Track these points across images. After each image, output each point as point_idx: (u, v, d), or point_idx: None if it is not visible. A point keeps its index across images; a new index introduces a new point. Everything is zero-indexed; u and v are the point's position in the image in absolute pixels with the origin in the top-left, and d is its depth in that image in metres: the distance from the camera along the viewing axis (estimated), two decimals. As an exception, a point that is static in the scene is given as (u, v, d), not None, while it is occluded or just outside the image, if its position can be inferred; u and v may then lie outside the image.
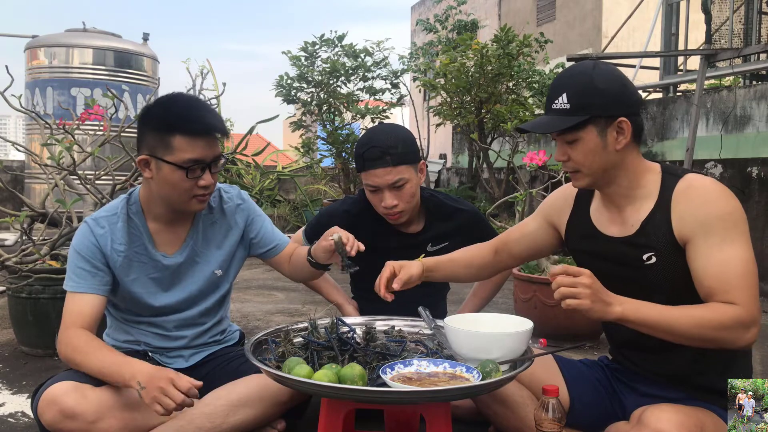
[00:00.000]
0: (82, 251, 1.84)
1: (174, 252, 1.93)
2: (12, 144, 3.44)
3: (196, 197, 1.83)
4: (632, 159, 1.60)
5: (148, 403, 1.58)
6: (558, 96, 1.56)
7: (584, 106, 1.53)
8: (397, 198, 2.13)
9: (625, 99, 1.56)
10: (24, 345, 2.88)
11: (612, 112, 1.54)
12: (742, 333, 1.44)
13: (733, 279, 1.45)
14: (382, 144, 2.10)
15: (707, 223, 1.49)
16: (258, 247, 2.07)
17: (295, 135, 7.68)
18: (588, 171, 1.60)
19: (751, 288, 1.45)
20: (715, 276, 1.47)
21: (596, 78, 1.54)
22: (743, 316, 1.43)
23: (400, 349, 1.72)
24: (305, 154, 7.45)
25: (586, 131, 1.55)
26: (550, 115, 1.60)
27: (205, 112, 1.80)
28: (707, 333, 1.44)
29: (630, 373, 1.76)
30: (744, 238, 1.49)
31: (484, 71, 6.24)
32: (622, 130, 1.55)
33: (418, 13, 18.38)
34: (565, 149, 1.60)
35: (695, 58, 6.16)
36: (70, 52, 7.33)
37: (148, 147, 1.79)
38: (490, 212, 4.56)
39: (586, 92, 1.54)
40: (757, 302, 1.46)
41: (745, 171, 4.63)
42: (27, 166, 7.67)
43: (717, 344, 1.47)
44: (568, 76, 1.58)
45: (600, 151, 1.56)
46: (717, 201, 1.50)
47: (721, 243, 1.47)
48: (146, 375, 1.61)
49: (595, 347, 3.09)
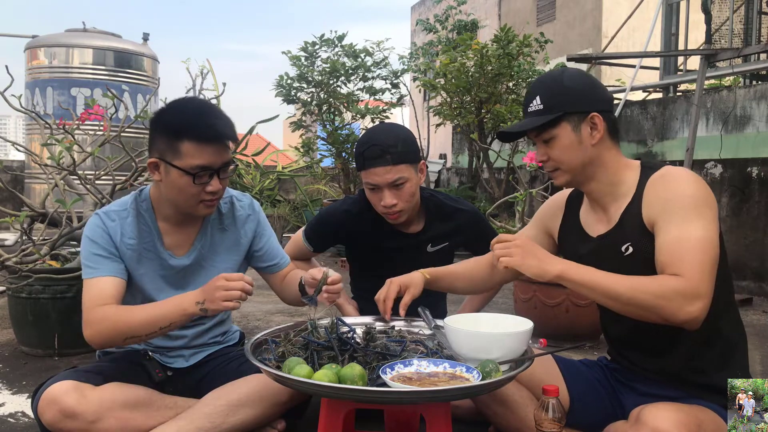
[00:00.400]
0: (95, 238, 1.83)
1: (182, 254, 1.93)
2: (12, 144, 3.44)
3: (204, 202, 1.83)
4: (610, 156, 1.66)
5: (219, 308, 1.65)
6: (532, 99, 1.66)
7: (556, 104, 1.62)
8: (397, 197, 2.13)
9: (595, 95, 1.64)
10: (24, 345, 2.88)
11: (583, 107, 1.62)
12: (682, 304, 1.43)
13: (684, 254, 1.46)
14: (383, 143, 2.10)
15: (668, 203, 1.52)
16: (259, 261, 2.08)
17: (295, 135, 7.68)
18: (566, 167, 1.66)
19: (701, 264, 1.45)
20: (668, 251, 1.49)
21: (565, 79, 1.64)
22: (686, 287, 1.43)
23: (400, 349, 1.72)
24: (305, 154, 7.44)
25: (560, 128, 1.63)
26: (527, 118, 1.68)
27: (215, 119, 1.79)
28: (645, 299, 1.45)
29: (628, 373, 1.76)
30: (705, 221, 1.49)
31: (484, 71, 6.24)
32: (595, 125, 1.62)
33: (418, 13, 18.38)
34: (543, 149, 1.68)
35: (695, 58, 6.16)
36: (70, 52, 7.33)
37: (158, 150, 1.79)
38: (490, 212, 4.57)
39: (556, 91, 1.63)
40: (707, 278, 1.45)
41: (745, 171, 4.63)
42: (27, 166, 7.67)
43: (656, 313, 1.46)
44: (540, 81, 1.69)
45: (576, 146, 1.63)
46: (680, 184, 1.54)
47: (680, 222, 1.49)
48: (199, 294, 1.68)
49: (595, 347, 3.09)
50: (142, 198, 1.92)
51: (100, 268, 1.80)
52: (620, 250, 1.62)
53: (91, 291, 1.78)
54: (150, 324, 1.71)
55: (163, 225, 1.91)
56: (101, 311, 1.73)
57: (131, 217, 1.88)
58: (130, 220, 1.87)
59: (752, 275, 4.53)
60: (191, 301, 1.69)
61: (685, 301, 1.43)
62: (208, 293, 1.66)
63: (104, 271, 1.80)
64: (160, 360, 1.97)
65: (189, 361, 2.00)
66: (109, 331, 1.72)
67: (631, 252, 1.60)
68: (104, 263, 1.81)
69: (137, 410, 1.72)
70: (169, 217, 1.91)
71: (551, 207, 1.90)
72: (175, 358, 1.99)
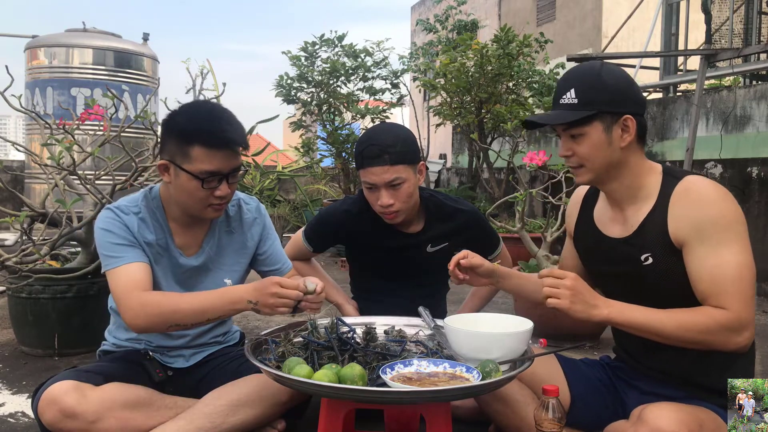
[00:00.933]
0: (113, 229, 1.82)
1: (191, 254, 1.94)
2: (12, 144, 3.44)
3: (212, 206, 1.84)
4: (635, 159, 1.62)
5: (272, 313, 1.66)
6: (566, 91, 1.59)
7: (591, 101, 1.56)
8: (394, 197, 2.13)
9: (632, 97, 1.59)
10: (24, 345, 2.88)
11: (618, 108, 1.57)
12: (730, 337, 1.46)
13: (726, 283, 1.46)
14: (381, 142, 2.10)
15: (702, 226, 1.50)
16: (262, 265, 2.08)
17: (295, 135, 7.67)
18: (591, 166, 1.62)
19: (743, 292, 1.46)
20: (708, 280, 1.48)
21: (604, 75, 1.58)
22: (731, 320, 1.45)
23: (400, 349, 1.72)
24: (305, 154, 7.43)
25: (592, 126, 1.57)
26: (557, 110, 1.61)
27: (226, 125, 1.79)
28: (692, 336, 1.47)
29: (631, 371, 1.76)
30: (740, 242, 1.49)
31: (484, 71, 6.24)
32: (627, 128, 1.58)
33: (418, 13, 18.38)
34: (569, 144, 1.62)
35: (695, 58, 6.16)
36: (70, 52, 7.32)
37: (169, 153, 1.80)
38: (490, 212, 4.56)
39: (594, 88, 1.57)
40: (749, 307, 1.47)
41: (745, 171, 4.63)
42: (27, 166, 7.66)
43: (706, 346, 1.49)
44: (576, 73, 1.62)
45: (605, 147, 1.58)
46: (713, 204, 1.51)
47: (716, 246, 1.48)
48: (252, 291, 1.67)
49: (596, 347, 3.09)
50: (152, 196, 1.92)
51: (124, 256, 1.79)
52: (639, 259, 1.60)
53: (121, 278, 1.76)
54: (198, 313, 1.71)
55: (173, 224, 1.92)
56: (143, 296, 1.72)
57: (145, 214, 1.88)
58: (144, 216, 1.88)
59: (753, 275, 4.52)
60: (241, 296, 1.69)
61: (733, 333, 1.46)
62: (262, 296, 1.66)
63: (129, 259, 1.79)
64: (161, 360, 1.97)
65: (189, 361, 2.00)
66: (154, 317, 1.71)
67: (651, 263, 1.58)
68: (127, 251, 1.80)
69: (137, 410, 1.72)
70: (177, 218, 1.91)
71: (570, 206, 1.89)
72: (176, 358, 1.99)
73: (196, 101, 1.91)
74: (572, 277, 1.52)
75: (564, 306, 1.51)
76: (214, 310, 1.72)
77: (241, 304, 1.70)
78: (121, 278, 1.76)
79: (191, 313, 1.71)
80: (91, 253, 2.90)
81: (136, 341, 1.97)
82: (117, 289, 1.76)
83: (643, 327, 1.51)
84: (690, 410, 1.51)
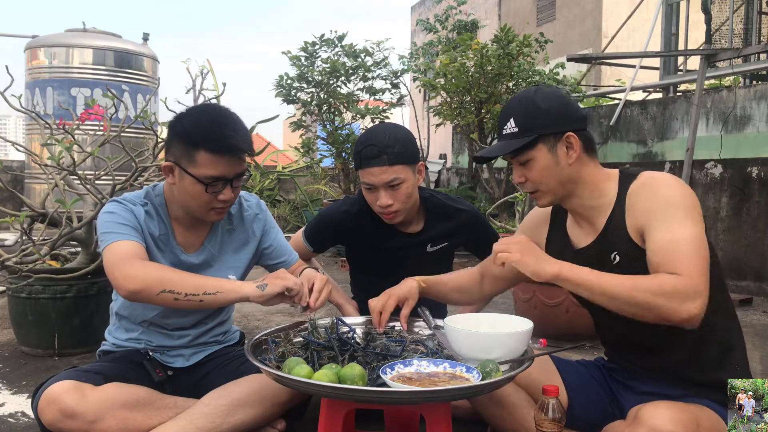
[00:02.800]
0: (118, 212, 1.81)
1: (192, 252, 1.95)
2: (12, 144, 3.43)
3: (215, 209, 1.85)
4: (588, 171, 1.66)
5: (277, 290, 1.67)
6: (507, 121, 1.65)
7: (531, 127, 1.62)
8: (392, 197, 2.13)
9: (569, 115, 1.64)
10: (24, 345, 2.88)
11: (557, 128, 1.61)
12: (683, 302, 1.42)
13: (678, 253, 1.46)
14: (380, 143, 2.10)
15: (655, 209, 1.52)
16: (268, 258, 2.09)
17: (295, 135, 7.67)
18: (546, 188, 1.66)
19: (696, 261, 1.45)
20: (661, 252, 1.49)
21: (538, 100, 1.63)
22: (685, 284, 1.43)
23: (400, 349, 1.72)
24: (305, 154, 7.44)
25: (536, 150, 1.62)
26: (502, 141, 1.67)
27: (232, 131, 1.79)
28: (644, 297, 1.44)
29: (626, 372, 1.77)
30: (692, 220, 1.50)
31: (484, 71, 6.24)
32: (571, 145, 1.62)
33: (418, 13, 18.38)
34: (521, 171, 1.67)
35: (695, 58, 6.16)
36: (70, 52, 7.32)
37: (174, 155, 1.80)
38: (490, 212, 4.57)
39: (530, 114, 1.62)
40: (703, 276, 1.45)
41: (745, 171, 4.63)
42: (27, 166, 7.66)
43: (657, 312, 1.44)
44: (513, 103, 1.68)
45: (553, 167, 1.63)
46: (663, 189, 1.54)
47: (669, 224, 1.50)
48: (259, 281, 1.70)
49: (595, 347, 3.09)
50: (155, 193, 1.93)
51: (124, 233, 1.77)
52: (609, 259, 1.62)
53: (116, 250, 1.73)
54: (196, 285, 1.68)
55: (175, 223, 1.93)
56: (142, 261, 1.71)
57: (150, 208, 1.89)
58: (149, 210, 1.88)
59: (752, 275, 4.53)
60: (248, 285, 1.70)
61: (686, 298, 1.42)
62: (270, 278, 1.70)
63: (128, 237, 1.77)
64: (161, 360, 1.97)
65: (189, 361, 2.00)
66: (149, 275, 1.66)
67: (619, 260, 1.61)
68: (128, 230, 1.79)
69: (137, 410, 1.72)
70: (180, 217, 1.92)
71: (535, 219, 1.90)
72: (176, 358, 1.99)
73: (203, 104, 1.90)
74: (522, 237, 1.60)
75: (514, 259, 1.54)
76: (212, 287, 1.68)
77: (247, 288, 1.68)
78: (120, 248, 1.73)
79: (189, 281, 1.68)
80: (91, 253, 2.90)
81: (136, 341, 1.97)
82: (113, 257, 1.71)
83: (593, 286, 1.49)
84: (687, 408, 1.51)
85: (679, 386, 1.63)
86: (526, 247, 1.56)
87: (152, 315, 1.93)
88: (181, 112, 1.87)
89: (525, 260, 1.54)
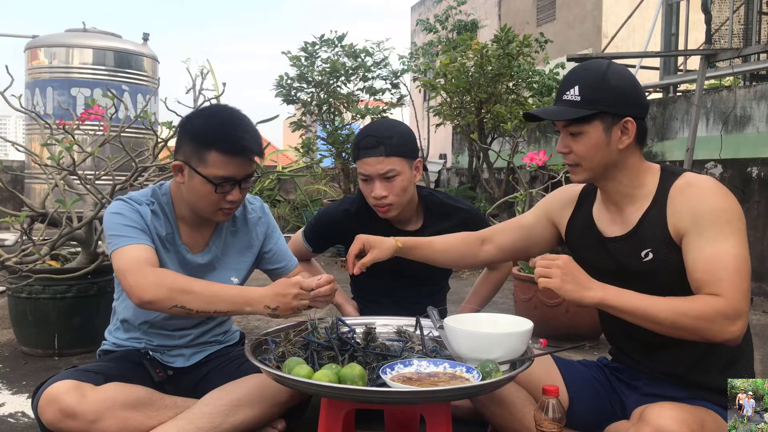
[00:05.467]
0: (125, 212, 1.81)
1: (196, 253, 1.95)
2: (12, 144, 3.43)
3: (222, 210, 1.85)
4: (633, 160, 1.62)
5: (289, 316, 1.66)
6: (570, 88, 1.58)
7: (594, 100, 1.56)
8: (387, 189, 2.13)
9: (634, 100, 1.59)
10: (24, 345, 2.88)
11: (620, 110, 1.56)
12: (725, 325, 1.43)
13: (722, 272, 1.45)
14: (379, 133, 2.11)
15: (701, 218, 1.50)
16: (268, 263, 2.09)
17: (295, 135, 7.67)
18: (588, 165, 1.61)
19: (739, 282, 1.45)
20: (704, 269, 1.47)
21: (610, 75, 1.57)
22: (726, 308, 1.43)
23: (400, 349, 1.72)
24: (305, 154, 7.43)
25: (592, 125, 1.57)
26: (560, 105, 1.61)
27: (243, 132, 1.79)
28: (687, 322, 1.44)
29: (631, 373, 1.76)
30: (738, 236, 1.49)
31: (484, 71, 6.23)
32: (626, 130, 1.57)
33: (418, 13, 18.37)
34: (568, 141, 1.62)
35: (695, 58, 6.16)
36: (70, 52, 7.32)
37: (184, 155, 1.81)
38: (490, 212, 4.56)
39: (598, 87, 1.56)
40: (745, 297, 1.45)
41: (745, 171, 4.63)
42: (27, 166, 7.66)
43: (699, 335, 1.46)
44: (582, 70, 1.60)
45: (603, 147, 1.58)
46: (711, 197, 1.51)
47: (714, 238, 1.48)
48: (272, 296, 1.67)
49: (595, 347, 3.09)
50: (162, 192, 1.93)
51: (134, 237, 1.76)
52: (639, 255, 1.59)
53: (132, 254, 1.72)
54: (209, 301, 1.68)
55: (181, 222, 1.93)
56: (155, 270, 1.70)
57: (156, 207, 1.89)
58: (155, 209, 1.88)
59: (752, 275, 4.51)
60: (259, 300, 1.68)
61: (727, 321, 1.43)
62: (284, 300, 1.66)
63: (139, 240, 1.77)
64: (161, 359, 1.97)
65: (189, 361, 2.00)
66: (164, 287, 1.66)
67: (651, 258, 1.58)
68: (138, 233, 1.78)
69: (137, 410, 1.72)
70: (186, 216, 1.92)
71: (561, 199, 1.85)
72: (176, 358, 1.99)
73: (215, 105, 1.90)
74: (565, 259, 1.50)
75: (555, 285, 1.48)
76: (225, 303, 1.69)
77: (257, 307, 1.68)
78: (132, 254, 1.72)
79: (202, 298, 1.68)
80: (91, 253, 2.90)
81: (136, 341, 1.97)
82: (125, 262, 1.71)
83: (639, 312, 1.47)
84: (692, 410, 1.51)
85: (684, 388, 1.63)
86: (567, 272, 1.49)
87: (156, 317, 1.93)
88: (192, 112, 1.89)
89: (566, 288, 1.48)
